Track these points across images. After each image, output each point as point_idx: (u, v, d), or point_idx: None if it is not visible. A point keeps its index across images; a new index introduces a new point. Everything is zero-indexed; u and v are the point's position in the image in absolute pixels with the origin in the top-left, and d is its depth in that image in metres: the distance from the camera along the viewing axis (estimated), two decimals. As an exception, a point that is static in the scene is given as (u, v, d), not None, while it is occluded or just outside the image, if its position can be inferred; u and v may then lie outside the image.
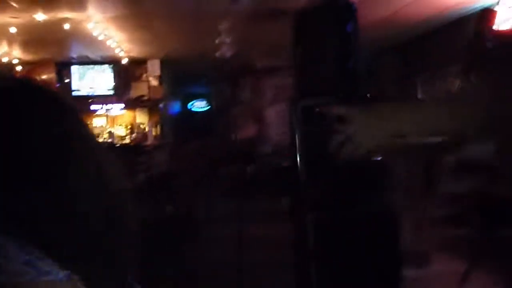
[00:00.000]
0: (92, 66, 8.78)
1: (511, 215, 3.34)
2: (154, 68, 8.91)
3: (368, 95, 2.99)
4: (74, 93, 8.66)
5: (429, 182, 3.99)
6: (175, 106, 12.07)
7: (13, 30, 6.18)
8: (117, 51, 7.82)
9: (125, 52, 8.06)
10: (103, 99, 8.25)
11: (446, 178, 4.24)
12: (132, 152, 6.44)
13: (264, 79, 9.35)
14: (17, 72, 6.76)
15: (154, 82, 9.00)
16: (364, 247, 2.63)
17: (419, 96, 7.47)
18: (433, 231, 3.85)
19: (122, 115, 9.01)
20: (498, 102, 1.20)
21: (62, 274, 0.62)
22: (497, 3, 5.80)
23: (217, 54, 6.88)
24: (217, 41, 6.73)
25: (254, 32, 6.76)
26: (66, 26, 6.05)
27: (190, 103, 12.79)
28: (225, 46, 6.85)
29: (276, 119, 9.04)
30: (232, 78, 9.44)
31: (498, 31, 4.74)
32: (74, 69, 8.71)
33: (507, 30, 5.28)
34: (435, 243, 3.78)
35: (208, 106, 12.61)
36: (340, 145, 1.11)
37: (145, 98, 8.93)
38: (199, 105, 12.88)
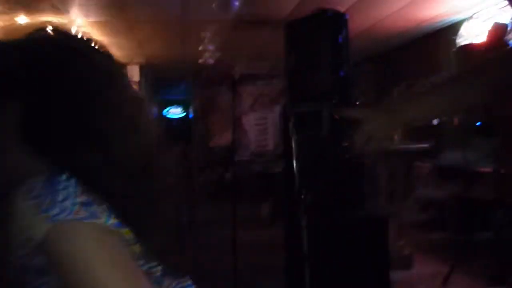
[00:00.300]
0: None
1: (489, 219, 3.49)
2: (133, 73, 8.87)
3: (357, 102, 3.08)
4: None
5: (411, 187, 4.12)
6: (153, 113, 11.98)
7: (-7, 32, 6.08)
8: (96, 56, 7.76)
9: (105, 57, 8.01)
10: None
11: (427, 182, 4.38)
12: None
13: (244, 86, 9.41)
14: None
15: (132, 88, 8.97)
16: (352, 251, 2.70)
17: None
18: (417, 235, 3.97)
19: (100, 120, 8.89)
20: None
21: (113, 221, 0.67)
22: (471, 17, 6.03)
23: (199, 61, 6.92)
24: (199, 49, 6.77)
25: (236, 40, 6.83)
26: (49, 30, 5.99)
27: (166, 109, 12.73)
28: (206, 53, 6.89)
29: (254, 126, 9.11)
30: (212, 85, 9.48)
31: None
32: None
33: (480, 43, 5.49)
34: (418, 246, 3.90)
35: (184, 113, 12.57)
36: (364, 144, 1.20)
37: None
38: (174, 112, 12.82)
